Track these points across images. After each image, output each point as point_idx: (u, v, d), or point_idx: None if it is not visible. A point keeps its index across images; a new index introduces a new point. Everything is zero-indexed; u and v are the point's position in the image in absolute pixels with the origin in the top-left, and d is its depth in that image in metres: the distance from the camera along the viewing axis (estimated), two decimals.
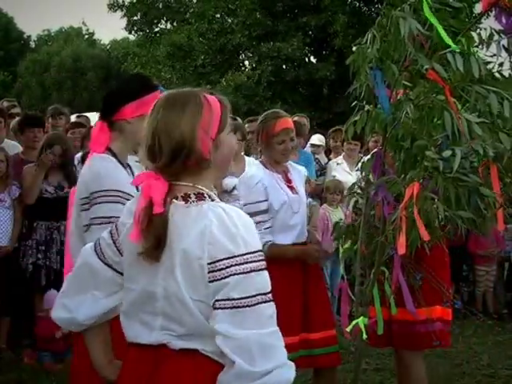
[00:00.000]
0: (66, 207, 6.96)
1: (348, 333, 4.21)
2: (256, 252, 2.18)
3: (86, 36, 52.37)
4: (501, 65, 3.70)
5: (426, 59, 3.59)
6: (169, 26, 31.36)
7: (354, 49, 3.93)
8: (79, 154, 7.61)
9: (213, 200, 2.28)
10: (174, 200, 2.26)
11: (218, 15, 28.03)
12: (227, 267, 2.14)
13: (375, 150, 4.48)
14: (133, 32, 32.60)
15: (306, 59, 27.50)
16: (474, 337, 7.83)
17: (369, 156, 4.40)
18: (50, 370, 6.41)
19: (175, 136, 2.22)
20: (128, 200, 2.70)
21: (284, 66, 26.38)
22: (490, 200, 3.53)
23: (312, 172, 8.18)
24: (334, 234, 4.49)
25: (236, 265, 2.14)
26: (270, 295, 2.18)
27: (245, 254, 2.15)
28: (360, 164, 4.37)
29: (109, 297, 2.49)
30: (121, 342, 2.45)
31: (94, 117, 10.88)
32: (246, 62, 28.61)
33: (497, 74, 3.74)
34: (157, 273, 2.25)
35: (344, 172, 8.65)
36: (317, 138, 9.59)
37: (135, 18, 31.31)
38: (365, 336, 4.11)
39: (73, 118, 9.90)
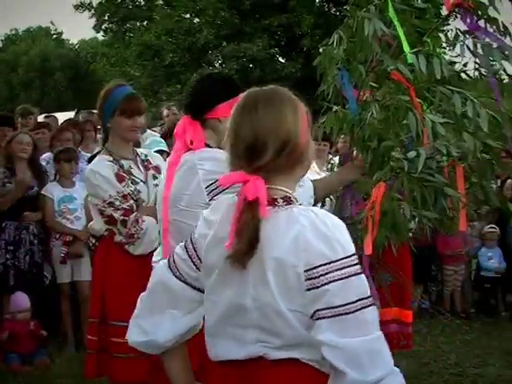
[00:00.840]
0: (36, 207, 6.98)
1: None
2: (352, 256, 2.09)
3: (55, 36, 52.03)
4: (465, 65, 3.73)
5: (392, 60, 3.61)
6: (138, 25, 31.27)
7: (320, 50, 3.94)
8: (47, 155, 7.60)
9: (300, 204, 2.22)
10: None
11: (188, 15, 28.01)
12: (326, 273, 2.05)
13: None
14: (101, 32, 32.50)
15: (274, 59, 27.50)
16: (442, 336, 7.88)
17: (337, 157, 4.42)
18: (18, 372, 6.36)
19: (282, 131, 2.16)
20: None
21: (250, 66, 26.37)
22: (454, 200, 3.55)
23: None
24: None
25: (335, 270, 2.05)
26: (370, 299, 2.09)
27: (342, 259, 2.06)
28: (329, 164, 4.38)
29: (188, 314, 2.39)
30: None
31: (62, 117, 10.81)
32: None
33: (463, 75, 3.78)
34: (245, 282, 2.15)
35: (313, 172, 8.66)
36: None
37: (104, 18, 31.18)
38: None
39: (41, 118, 9.85)
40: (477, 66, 3.63)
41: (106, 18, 31.27)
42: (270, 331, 2.13)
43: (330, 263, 2.05)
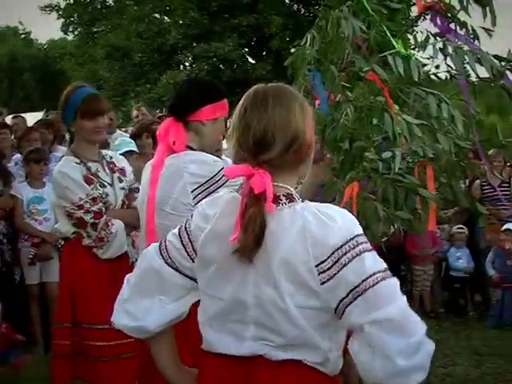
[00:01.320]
0: None
1: None
2: (358, 236, 2.10)
3: (23, 35, 51.60)
4: (437, 67, 3.75)
5: (364, 61, 3.61)
6: (106, 27, 31.10)
7: (292, 50, 3.93)
8: (16, 156, 7.53)
9: (303, 201, 2.21)
10: None
11: (157, 15, 27.92)
12: (336, 261, 2.05)
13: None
14: (69, 33, 32.30)
15: (244, 60, 27.51)
16: None
17: None
18: None
19: (291, 128, 2.18)
20: None
21: (221, 66, 26.36)
22: (427, 200, 3.56)
23: None
24: None
25: (344, 254, 2.06)
26: (388, 272, 2.09)
27: (349, 241, 2.07)
28: None
29: (177, 301, 2.37)
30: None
31: (30, 117, 10.73)
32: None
33: (433, 77, 3.79)
34: (246, 279, 2.14)
35: None
36: None
37: (71, 18, 30.97)
38: None
39: (9, 118, 9.77)
40: (448, 69, 3.65)
41: (74, 19, 31.02)
42: (272, 329, 2.12)
43: (337, 249, 2.06)
